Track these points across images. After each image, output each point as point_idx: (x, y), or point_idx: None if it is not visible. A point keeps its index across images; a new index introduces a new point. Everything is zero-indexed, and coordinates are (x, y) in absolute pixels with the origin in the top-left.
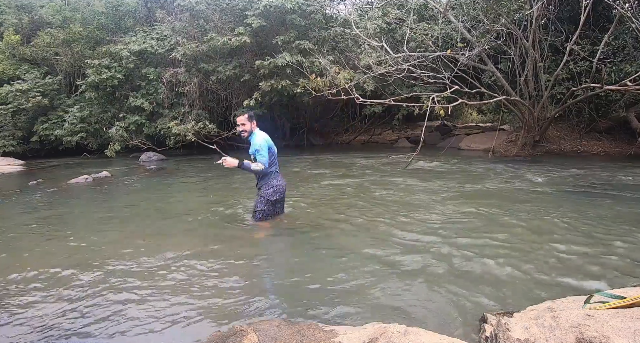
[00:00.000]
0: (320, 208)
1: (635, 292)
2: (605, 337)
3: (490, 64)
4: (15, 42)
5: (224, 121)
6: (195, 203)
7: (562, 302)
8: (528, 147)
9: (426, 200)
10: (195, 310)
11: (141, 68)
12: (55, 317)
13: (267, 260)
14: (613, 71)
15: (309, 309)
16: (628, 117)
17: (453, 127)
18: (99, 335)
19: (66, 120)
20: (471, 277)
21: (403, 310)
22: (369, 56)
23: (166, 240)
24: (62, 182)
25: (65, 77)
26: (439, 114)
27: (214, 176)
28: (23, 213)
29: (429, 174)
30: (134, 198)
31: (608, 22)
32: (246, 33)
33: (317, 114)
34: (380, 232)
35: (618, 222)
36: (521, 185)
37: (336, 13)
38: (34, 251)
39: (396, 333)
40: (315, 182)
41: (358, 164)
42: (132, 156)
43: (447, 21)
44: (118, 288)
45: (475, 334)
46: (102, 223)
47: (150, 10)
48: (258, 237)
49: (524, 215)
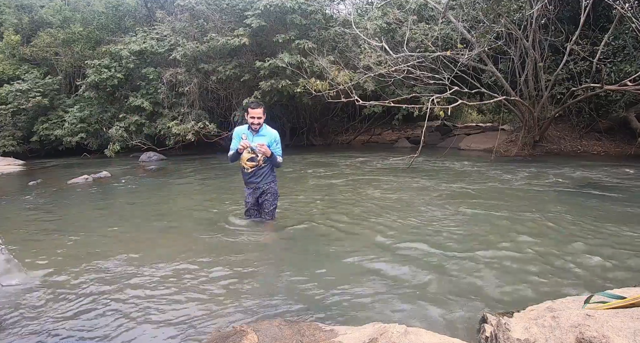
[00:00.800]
0: (320, 208)
1: (635, 292)
2: (605, 337)
3: (490, 64)
4: (15, 42)
5: (224, 121)
6: (195, 203)
7: (562, 302)
8: (528, 147)
9: (425, 200)
10: (195, 310)
11: (141, 68)
12: (53, 317)
13: (267, 260)
14: (613, 71)
15: (309, 309)
16: (628, 117)
17: (453, 127)
18: (97, 336)
19: (66, 120)
20: (471, 277)
21: (403, 310)
22: (368, 56)
23: (166, 240)
24: (62, 182)
25: (65, 77)
26: (439, 114)
27: (214, 176)
28: (23, 214)
29: (429, 174)
30: (134, 198)
31: (608, 22)
32: (246, 34)
33: (317, 114)
34: (379, 232)
35: (618, 221)
36: (521, 185)
37: (336, 13)
38: (33, 251)
39: (396, 333)
40: (315, 183)
41: (358, 164)
42: (132, 156)
43: (447, 21)
44: (117, 288)
45: (475, 334)
46: (102, 224)
47: (150, 10)
48: (258, 237)
49: (523, 215)
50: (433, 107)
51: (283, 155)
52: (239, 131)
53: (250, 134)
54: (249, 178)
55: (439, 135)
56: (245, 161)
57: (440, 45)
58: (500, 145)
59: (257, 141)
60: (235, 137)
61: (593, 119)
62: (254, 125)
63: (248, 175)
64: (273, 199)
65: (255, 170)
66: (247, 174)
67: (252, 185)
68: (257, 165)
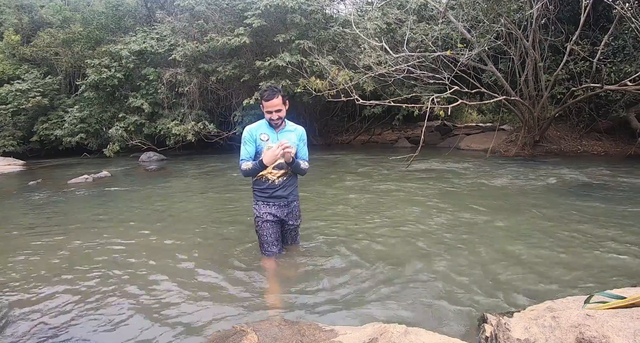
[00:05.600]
0: (321, 209)
1: (635, 292)
2: (605, 337)
3: (490, 64)
4: (15, 42)
5: (224, 121)
6: (195, 203)
7: (562, 302)
8: (528, 147)
9: (425, 199)
10: (195, 310)
11: (141, 68)
12: (53, 318)
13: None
14: (613, 71)
15: (309, 309)
16: (628, 117)
17: (453, 127)
18: (97, 336)
19: (66, 120)
20: (471, 277)
21: (403, 310)
22: (368, 56)
23: (165, 240)
24: (62, 182)
25: (65, 77)
26: (439, 114)
27: (214, 176)
28: (23, 214)
29: (428, 174)
30: (134, 198)
31: (608, 22)
32: (246, 34)
33: (317, 113)
34: (379, 232)
35: (618, 221)
36: (521, 185)
37: (336, 13)
38: (33, 251)
39: (396, 333)
40: (315, 182)
41: (358, 164)
42: (132, 156)
43: (447, 21)
44: (117, 288)
45: (475, 334)
46: (102, 224)
47: (150, 10)
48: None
49: (523, 215)
50: (433, 106)
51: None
52: (253, 132)
53: (272, 131)
54: (275, 191)
55: (439, 135)
56: (270, 169)
57: (440, 45)
58: (501, 145)
59: (283, 140)
60: (249, 141)
61: (593, 119)
62: (274, 121)
63: (275, 188)
64: (300, 214)
65: (285, 181)
66: (274, 187)
67: (279, 200)
68: (287, 173)
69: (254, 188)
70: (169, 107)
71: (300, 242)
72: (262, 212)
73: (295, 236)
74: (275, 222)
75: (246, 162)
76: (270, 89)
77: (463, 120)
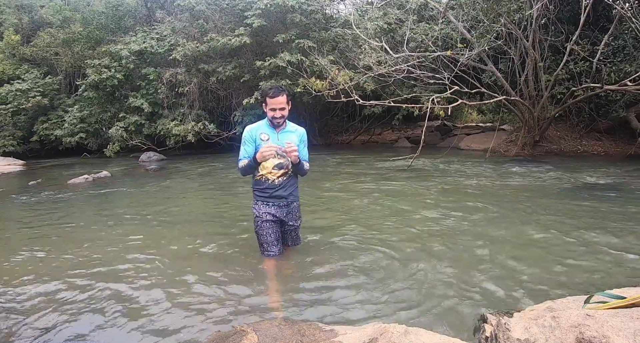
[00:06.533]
0: (320, 209)
1: (635, 292)
2: (605, 337)
3: (490, 64)
4: (15, 42)
5: (224, 121)
6: (195, 203)
7: (562, 302)
8: (528, 147)
9: (425, 199)
10: (195, 310)
11: (141, 68)
12: (53, 318)
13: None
14: (613, 71)
15: (309, 309)
16: (628, 117)
17: (453, 127)
18: (97, 336)
19: (66, 120)
20: (471, 277)
21: (403, 310)
22: (369, 56)
23: (165, 240)
24: (62, 182)
25: (65, 77)
26: (439, 114)
27: (214, 176)
28: (23, 214)
29: (428, 174)
30: (134, 198)
31: (608, 22)
32: (246, 33)
33: (317, 113)
34: (379, 233)
35: (618, 221)
36: (521, 185)
37: (336, 13)
38: (33, 251)
39: (396, 333)
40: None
41: (358, 164)
42: (132, 156)
43: (447, 21)
44: (117, 288)
45: (476, 334)
46: (102, 224)
47: (150, 10)
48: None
49: (523, 215)
50: (433, 106)
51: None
52: (253, 132)
53: (272, 131)
54: (275, 191)
55: (439, 135)
56: (270, 169)
57: (440, 45)
58: (501, 145)
59: (284, 140)
60: (249, 141)
61: (593, 119)
62: (277, 120)
63: (275, 188)
64: (300, 215)
65: (285, 180)
66: (274, 187)
67: (279, 200)
68: (287, 173)
69: (254, 188)
70: (169, 107)
71: (301, 242)
72: (262, 212)
73: (296, 237)
74: (275, 222)
75: (243, 161)
76: (276, 87)
77: (463, 120)
